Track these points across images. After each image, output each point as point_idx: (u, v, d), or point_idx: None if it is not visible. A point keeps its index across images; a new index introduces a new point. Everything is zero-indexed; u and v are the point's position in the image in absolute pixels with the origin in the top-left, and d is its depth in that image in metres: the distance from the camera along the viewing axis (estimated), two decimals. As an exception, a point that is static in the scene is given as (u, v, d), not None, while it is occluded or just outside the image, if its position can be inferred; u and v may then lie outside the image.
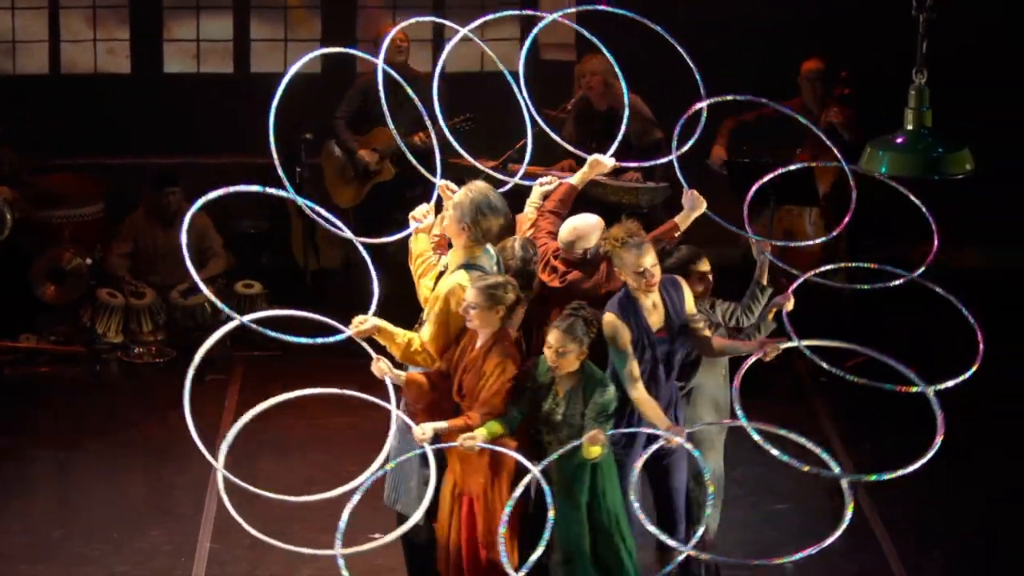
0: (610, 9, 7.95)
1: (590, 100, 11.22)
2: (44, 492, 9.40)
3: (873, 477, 6.95)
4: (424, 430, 7.05)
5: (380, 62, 7.75)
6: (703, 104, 7.74)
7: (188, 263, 7.23)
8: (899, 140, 6.98)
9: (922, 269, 7.28)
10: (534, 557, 6.87)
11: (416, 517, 7.09)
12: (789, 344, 7.15)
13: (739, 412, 6.99)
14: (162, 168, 11.68)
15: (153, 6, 12.90)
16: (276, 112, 7.44)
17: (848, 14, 12.02)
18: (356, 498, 6.88)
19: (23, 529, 8.74)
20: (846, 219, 7.58)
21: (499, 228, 7.38)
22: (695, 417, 7.64)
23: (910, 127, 6.95)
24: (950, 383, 7.05)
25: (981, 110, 11.40)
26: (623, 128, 8.03)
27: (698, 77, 7.77)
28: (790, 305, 7.45)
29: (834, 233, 7.68)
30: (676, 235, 7.73)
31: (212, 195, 7.19)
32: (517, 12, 9.40)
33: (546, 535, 6.82)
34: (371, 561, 8.33)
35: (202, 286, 7.27)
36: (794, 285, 7.42)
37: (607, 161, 7.92)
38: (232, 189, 7.22)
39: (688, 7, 12.36)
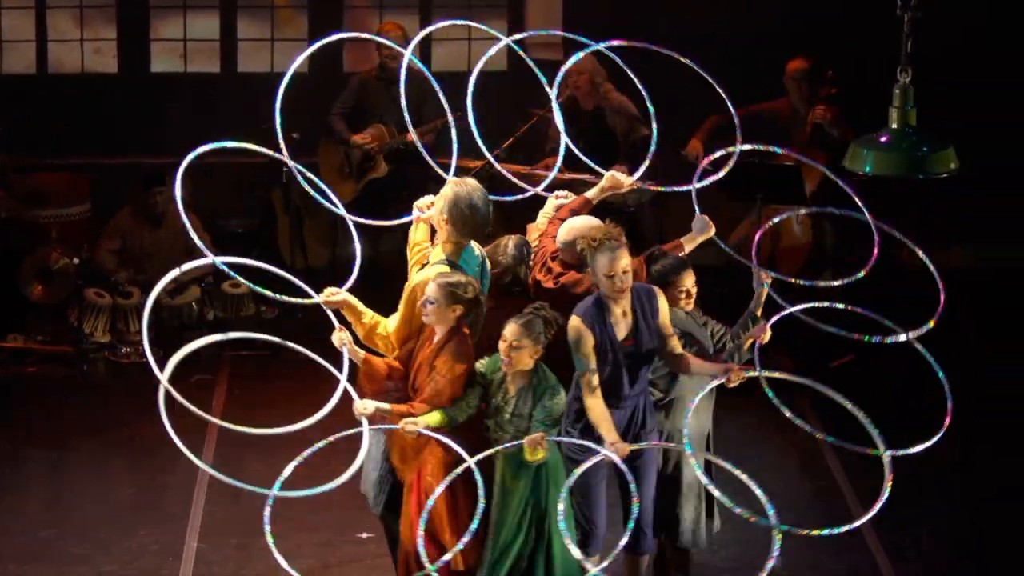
0: (638, 44, 7.95)
1: (577, 99, 11.24)
2: (32, 492, 9.40)
3: (804, 532, 6.96)
4: (366, 405, 7.07)
5: (408, 53, 7.82)
6: (737, 148, 7.75)
7: (184, 218, 7.25)
8: (883, 139, 6.98)
9: (919, 332, 7.25)
10: (459, 547, 6.91)
11: (347, 475, 7.05)
12: (752, 374, 7.17)
13: (686, 442, 7.00)
14: (149, 168, 11.68)
15: (140, 5, 12.90)
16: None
17: (832, 20, 12.03)
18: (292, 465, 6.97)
19: (11, 529, 8.74)
20: (869, 264, 7.50)
21: (479, 227, 7.40)
22: (674, 428, 7.61)
23: (895, 126, 6.96)
24: (912, 450, 7.09)
25: (966, 109, 11.43)
26: (650, 155, 7.99)
27: (735, 118, 7.79)
28: (766, 338, 7.45)
29: (861, 274, 7.52)
30: (679, 256, 7.73)
31: (204, 148, 7.28)
32: (562, 33, 9.36)
33: (473, 525, 6.86)
34: (362, 561, 8.36)
35: (198, 241, 7.27)
36: (774, 319, 7.40)
37: (624, 179, 7.89)
38: (227, 144, 7.29)
39: (670, 20, 12.39)
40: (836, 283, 7.57)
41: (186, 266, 7.42)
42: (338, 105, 11.81)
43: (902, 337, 7.17)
